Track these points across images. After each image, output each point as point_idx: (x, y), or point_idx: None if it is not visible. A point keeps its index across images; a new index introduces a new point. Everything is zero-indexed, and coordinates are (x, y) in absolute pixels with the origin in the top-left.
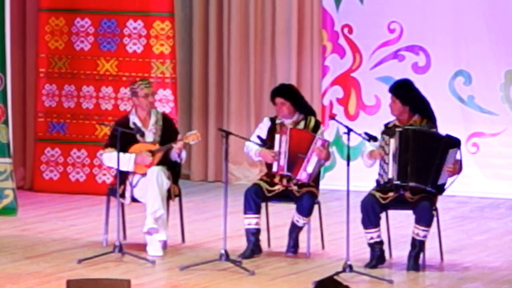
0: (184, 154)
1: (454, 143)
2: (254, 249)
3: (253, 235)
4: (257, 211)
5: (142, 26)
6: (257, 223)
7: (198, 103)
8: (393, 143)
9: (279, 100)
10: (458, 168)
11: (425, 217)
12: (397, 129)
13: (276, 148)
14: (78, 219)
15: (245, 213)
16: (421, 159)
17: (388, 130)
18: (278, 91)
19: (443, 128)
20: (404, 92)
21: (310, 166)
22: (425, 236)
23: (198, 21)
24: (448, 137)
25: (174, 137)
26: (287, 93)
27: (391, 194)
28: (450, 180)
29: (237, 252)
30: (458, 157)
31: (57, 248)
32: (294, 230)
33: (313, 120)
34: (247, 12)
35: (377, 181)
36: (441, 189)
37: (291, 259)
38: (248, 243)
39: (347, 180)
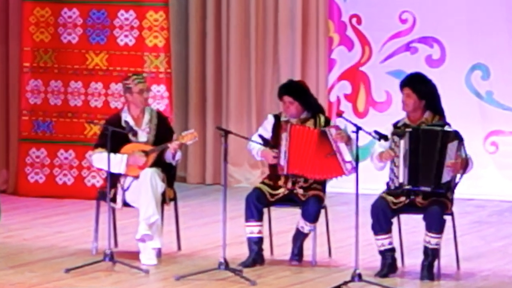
0: (179, 155)
1: (453, 136)
2: (256, 258)
3: (256, 244)
4: (259, 218)
5: (134, 17)
6: (259, 231)
7: (194, 100)
8: (403, 144)
9: (287, 99)
10: (461, 163)
11: (435, 223)
12: (407, 130)
13: (282, 147)
14: (65, 225)
15: (247, 220)
16: (430, 160)
17: (398, 131)
18: (286, 89)
19: (460, 126)
20: (421, 85)
21: (346, 155)
22: (437, 244)
23: (194, 11)
24: (445, 131)
25: (169, 137)
26: (296, 91)
27: (402, 199)
28: (458, 177)
29: (238, 261)
30: (462, 151)
31: (43, 257)
32: (299, 237)
33: (322, 118)
34: (247, 2)
35: (388, 185)
36: (449, 187)
37: (295, 268)
38: (250, 252)
39: (355, 182)
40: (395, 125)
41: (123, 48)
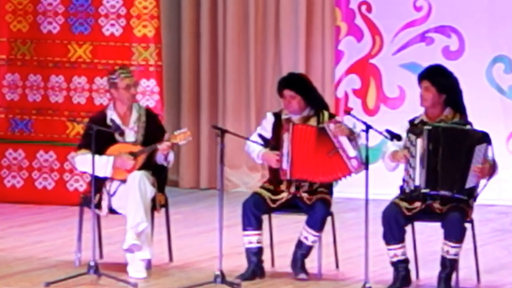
0: (171, 157)
1: (481, 138)
2: (255, 270)
3: (255, 255)
4: (258, 227)
5: (121, 4)
6: (259, 241)
7: (188, 96)
8: (420, 143)
9: (288, 93)
10: (488, 168)
11: (455, 231)
12: (425, 127)
13: (284, 149)
14: (45, 234)
15: (244, 229)
16: (453, 162)
17: (415, 128)
18: (287, 82)
19: (480, 124)
20: (442, 78)
21: (349, 150)
22: (456, 254)
23: None
24: (473, 131)
25: (160, 137)
26: (298, 84)
27: (417, 204)
28: (482, 183)
29: (235, 273)
30: (489, 154)
31: (21, 269)
32: (300, 251)
33: (326, 114)
34: None
35: (401, 188)
36: (472, 193)
37: (298, 281)
38: (249, 263)
39: (365, 186)
40: (411, 122)
41: (109, 39)
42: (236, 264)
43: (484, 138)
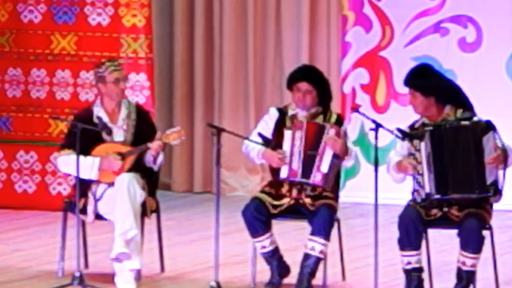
0: (161, 158)
1: (485, 127)
2: (280, 271)
3: (273, 257)
4: (267, 229)
5: None
6: (272, 242)
7: (181, 91)
8: (424, 147)
9: (304, 86)
10: (502, 155)
11: (472, 241)
12: (426, 129)
13: (286, 147)
14: (25, 242)
15: (253, 236)
16: (461, 162)
17: (416, 132)
18: (305, 75)
19: (498, 122)
20: (422, 80)
21: (324, 164)
22: (473, 265)
23: None
24: (475, 123)
25: (151, 136)
26: (317, 78)
27: (434, 211)
28: (501, 174)
29: (231, 284)
30: (498, 141)
31: None
32: (307, 265)
33: (334, 115)
34: None
35: (413, 194)
36: (497, 190)
37: None
38: (271, 269)
39: (375, 190)
40: (411, 126)
41: (95, 29)
42: (233, 274)
43: (488, 126)
